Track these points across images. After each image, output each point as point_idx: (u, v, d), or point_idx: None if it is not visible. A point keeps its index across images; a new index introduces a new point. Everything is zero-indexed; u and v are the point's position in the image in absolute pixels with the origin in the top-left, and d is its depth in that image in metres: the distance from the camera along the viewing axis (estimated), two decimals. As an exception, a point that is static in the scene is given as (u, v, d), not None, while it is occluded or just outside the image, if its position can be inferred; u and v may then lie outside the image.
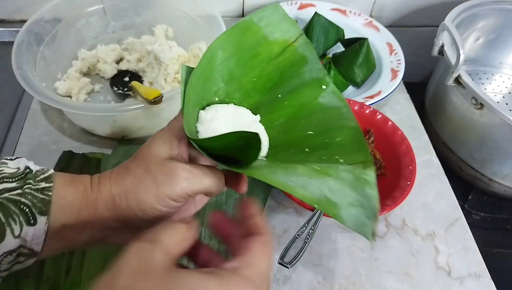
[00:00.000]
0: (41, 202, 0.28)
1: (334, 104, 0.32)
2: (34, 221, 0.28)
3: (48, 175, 0.30)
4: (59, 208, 0.29)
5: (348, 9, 0.72)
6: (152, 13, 0.65)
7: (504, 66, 0.76)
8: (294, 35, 0.32)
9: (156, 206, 0.29)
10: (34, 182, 0.29)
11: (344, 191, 0.28)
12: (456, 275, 0.46)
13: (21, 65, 0.50)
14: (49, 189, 0.29)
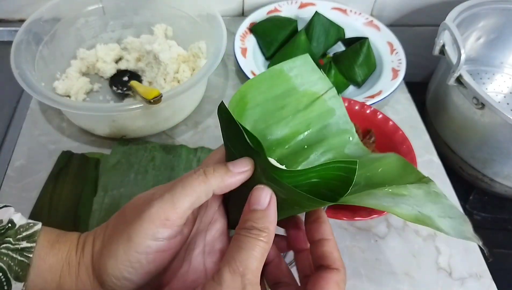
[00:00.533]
0: (18, 265, 0.24)
1: (359, 154, 0.32)
2: (9, 287, 0.24)
3: (32, 232, 0.25)
4: (38, 273, 0.25)
5: (349, 8, 0.72)
6: (151, 12, 0.65)
7: (505, 66, 0.76)
8: (324, 88, 0.31)
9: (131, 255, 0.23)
10: (14, 241, 0.25)
11: (427, 206, 0.27)
12: (457, 276, 0.46)
13: (20, 64, 0.50)
14: (30, 250, 0.25)
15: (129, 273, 0.23)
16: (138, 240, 0.23)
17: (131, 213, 0.25)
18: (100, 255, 0.24)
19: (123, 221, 0.24)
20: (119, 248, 0.23)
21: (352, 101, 0.54)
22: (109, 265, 0.23)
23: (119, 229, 0.24)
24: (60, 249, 0.26)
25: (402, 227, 0.50)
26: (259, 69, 0.63)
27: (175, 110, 0.55)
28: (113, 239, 0.24)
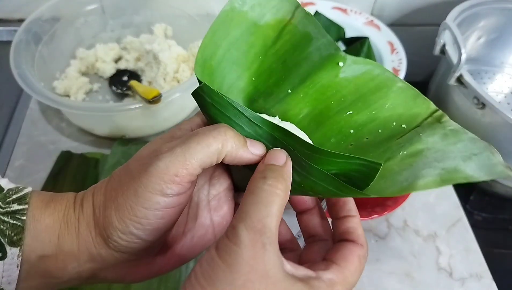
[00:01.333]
0: (11, 229, 0.23)
1: (361, 71, 0.27)
2: (3, 254, 0.22)
3: (22, 194, 0.24)
4: (34, 235, 0.23)
5: (349, 8, 0.72)
6: (151, 12, 0.65)
7: (506, 66, 0.76)
8: (290, 10, 0.26)
9: (138, 210, 0.22)
10: (3, 204, 0.23)
11: (448, 154, 0.24)
12: (458, 276, 0.46)
13: (19, 64, 0.50)
14: (22, 213, 0.23)
15: (137, 228, 0.22)
16: (145, 195, 0.21)
17: (137, 166, 0.23)
18: (104, 207, 0.23)
19: (128, 174, 0.23)
20: (125, 203, 0.22)
21: (352, 101, 0.54)
22: (115, 219, 0.22)
23: (124, 183, 0.22)
24: (55, 208, 0.24)
25: (402, 227, 0.49)
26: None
27: (175, 110, 0.55)
28: (118, 192, 0.22)
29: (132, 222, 0.22)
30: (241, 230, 0.19)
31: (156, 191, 0.21)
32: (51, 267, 0.23)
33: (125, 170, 0.23)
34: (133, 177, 0.22)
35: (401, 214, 0.51)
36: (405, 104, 0.26)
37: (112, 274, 0.24)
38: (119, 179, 0.23)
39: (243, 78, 0.26)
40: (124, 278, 0.25)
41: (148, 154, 0.23)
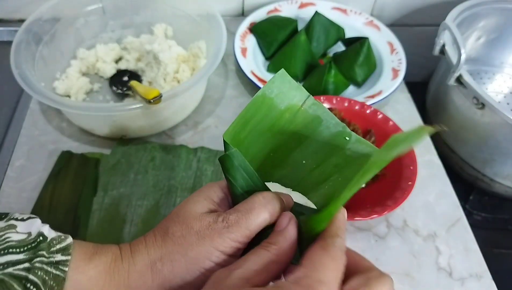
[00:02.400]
0: (53, 279, 0.23)
1: (366, 151, 0.32)
2: None
3: (65, 245, 0.25)
4: (74, 286, 0.24)
5: (349, 8, 0.72)
6: (151, 12, 0.65)
7: (505, 66, 0.76)
8: (302, 99, 0.32)
9: (207, 263, 0.25)
10: (47, 254, 0.24)
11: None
12: (457, 276, 0.46)
13: (20, 64, 0.50)
14: (65, 264, 0.24)
15: (199, 279, 0.25)
16: (217, 253, 0.25)
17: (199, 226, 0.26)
18: (170, 261, 0.25)
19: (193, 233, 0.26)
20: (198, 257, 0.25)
21: (352, 101, 0.54)
22: (185, 270, 0.25)
23: (193, 240, 0.25)
24: (100, 259, 0.25)
25: (402, 227, 0.50)
26: (259, 69, 0.63)
27: (175, 110, 0.55)
28: (187, 247, 0.25)
29: (199, 274, 0.25)
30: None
31: (225, 252, 0.25)
32: None
33: (187, 228, 0.26)
34: (203, 238, 0.25)
35: (401, 214, 0.51)
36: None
37: None
38: (183, 236, 0.26)
39: (263, 152, 0.32)
40: None
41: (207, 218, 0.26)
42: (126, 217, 0.46)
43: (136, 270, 0.25)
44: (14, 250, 0.23)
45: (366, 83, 0.65)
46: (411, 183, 0.46)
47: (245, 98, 0.63)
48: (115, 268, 0.25)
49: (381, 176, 0.50)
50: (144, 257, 0.25)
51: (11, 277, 0.22)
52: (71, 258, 0.24)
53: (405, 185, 0.46)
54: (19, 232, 0.24)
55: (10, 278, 0.22)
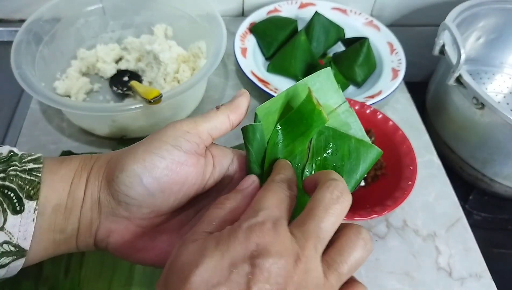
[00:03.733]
0: (29, 184, 0.24)
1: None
2: (21, 208, 0.24)
3: (36, 157, 0.26)
4: (50, 186, 0.25)
5: (349, 8, 0.72)
6: (151, 12, 0.65)
7: (505, 66, 0.76)
8: (337, 102, 0.32)
9: (147, 154, 0.25)
10: (20, 164, 0.25)
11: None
12: (457, 276, 0.46)
13: (20, 64, 0.50)
14: (38, 170, 0.25)
15: (141, 169, 0.24)
16: (157, 143, 0.25)
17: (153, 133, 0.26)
18: (120, 156, 0.26)
19: (147, 139, 0.26)
20: (139, 148, 0.25)
21: (352, 101, 0.54)
22: (125, 161, 0.25)
23: (142, 142, 0.26)
24: (71, 160, 0.27)
25: (402, 227, 0.50)
26: (259, 69, 0.63)
27: (175, 110, 0.55)
28: (134, 145, 0.26)
29: (138, 164, 0.24)
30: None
31: (168, 140, 0.25)
32: (60, 218, 0.25)
33: (155, 135, 0.26)
34: (150, 137, 0.26)
35: (401, 214, 0.51)
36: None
37: (113, 240, 0.26)
38: (144, 140, 0.26)
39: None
40: (120, 246, 0.27)
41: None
42: (126, 217, 0.46)
43: (96, 166, 0.26)
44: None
45: (366, 83, 0.65)
46: (411, 183, 0.46)
47: (245, 98, 0.63)
48: (83, 166, 0.26)
49: (381, 176, 0.50)
50: (106, 156, 0.27)
51: None
52: (43, 165, 0.25)
53: (405, 185, 0.46)
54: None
55: None
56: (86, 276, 0.41)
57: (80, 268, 0.42)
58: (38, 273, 0.41)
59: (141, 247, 0.27)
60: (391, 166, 0.50)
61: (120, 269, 0.42)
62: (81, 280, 0.41)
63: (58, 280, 0.41)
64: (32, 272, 0.41)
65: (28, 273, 0.41)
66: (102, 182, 0.26)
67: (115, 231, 0.26)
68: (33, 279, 0.41)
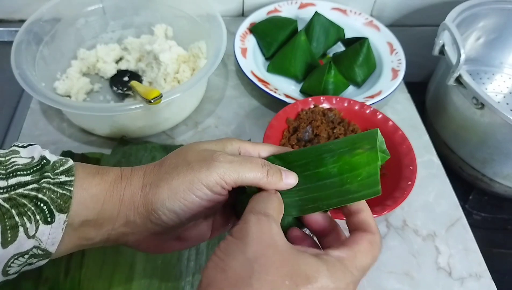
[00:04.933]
0: (60, 198, 0.25)
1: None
2: (52, 219, 0.25)
3: (68, 167, 0.27)
4: (80, 202, 0.26)
5: (349, 9, 0.72)
6: (151, 12, 0.65)
7: (505, 66, 0.76)
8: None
9: (188, 195, 0.26)
10: (52, 175, 0.26)
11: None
12: (457, 276, 0.46)
13: (20, 64, 0.50)
14: (70, 184, 0.26)
15: (180, 209, 0.27)
16: (199, 186, 0.26)
17: (196, 160, 0.27)
18: (156, 186, 0.27)
19: (186, 164, 0.27)
20: (179, 187, 0.26)
21: (352, 101, 0.54)
22: (166, 197, 0.27)
23: (181, 171, 0.27)
24: (102, 179, 0.28)
25: (401, 227, 0.50)
26: (259, 69, 0.63)
27: (175, 110, 0.55)
28: (174, 177, 0.27)
29: (180, 204, 0.27)
30: (248, 214, 0.25)
31: (208, 186, 0.27)
32: (89, 230, 0.27)
33: (182, 159, 0.28)
34: (192, 168, 0.27)
35: (401, 214, 0.51)
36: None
37: (134, 241, 0.29)
38: (175, 165, 0.28)
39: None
40: (139, 245, 0.30)
41: (205, 153, 0.28)
42: (126, 217, 0.46)
43: (130, 190, 0.28)
44: (22, 172, 0.25)
45: (366, 83, 0.65)
46: (411, 183, 0.46)
47: (245, 98, 0.63)
48: (114, 186, 0.28)
49: (381, 176, 0.50)
50: (139, 180, 0.28)
51: (22, 196, 0.24)
52: (74, 178, 0.26)
53: (405, 185, 0.46)
54: (23, 157, 0.26)
55: (22, 197, 0.24)
56: (86, 276, 0.41)
57: (80, 268, 0.42)
58: (38, 273, 0.41)
59: (153, 245, 0.30)
60: (391, 166, 0.50)
61: (120, 269, 0.42)
62: (81, 280, 0.41)
63: (58, 280, 0.41)
64: (31, 272, 0.41)
65: (28, 274, 0.41)
66: (138, 208, 0.27)
67: (135, 235, 0.29)
68: (33, 279, 0.41)
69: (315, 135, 0.51)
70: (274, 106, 0.61)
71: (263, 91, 0.58)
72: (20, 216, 0.24)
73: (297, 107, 0.53)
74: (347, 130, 0.52)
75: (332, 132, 0.52)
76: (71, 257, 0.42)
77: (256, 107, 0.62)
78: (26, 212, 0.24)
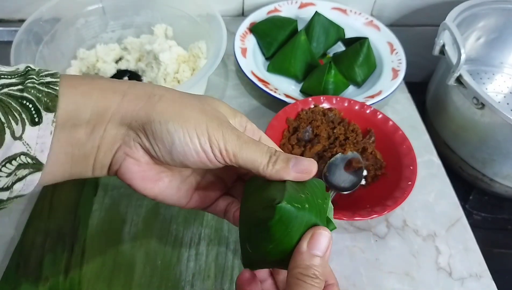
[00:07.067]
0: (47, 96, 0.24)
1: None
2: (39, 119, 0.23)
3: (53, 72, 0.25)
4: (70, 100, 0.24)
5: (349, 8, 0.72)
6: (151, 12, 0.65)
7: (505, 66, 0.76)
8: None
9: (191, 133, 0.25)
10: (37, 77, 0.24)
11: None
12: (457, 276, 0.46)
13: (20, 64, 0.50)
14: (56, 83, 0.24)
15: (179, 139, 0.25)
16: (204, 132, 0.25)
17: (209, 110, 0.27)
18: (167, 101, 0.26)
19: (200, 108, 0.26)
20: (189, 119, 0.25)
21: (352, 101, 0.54)
22: (173, 117, 0.25)
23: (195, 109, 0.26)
24: (94, 78, 0.26)
25: (402, 227, 0.50)
26: (259, 69, 0.63)
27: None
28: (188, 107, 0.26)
29: (181, 134, 0.25)
30: None
31: (211, 141, 0.25)
32: (80, 133, 0.25)
33: (199, 103, 0.27)
34: (206, 115, 0.26)
35: (401, 214, 0.51)
36: None
37: (123, 160, 0.27)
38: (192, 102, 0.27)
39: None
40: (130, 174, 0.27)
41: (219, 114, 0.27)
42: (126, 217, 0.46)
43: (133, 92, 0.26)
44: (6, 76, 0.24)
45: (366, 83, 0.65)
46: (411, 183, 0.46)
47: (245, 98, 0.63)
48: (112, 85, 0.26)
49: (381, 176, 0.50)
50: (146, 86, 0.27)
51: (7, 96, 0.23)
52: (60, 80, 0.25)
53: (405, 185, 0.46)
54: (7, 69, 0.24)
55: (7, 96, 0.23)
56: (86, 276, 0.41)
57: (80, 268, 0.42)
58: (38, 273, 0.41)
59: (147, 176, 0.28)
60: (391, 166, 0.50)
61: (120, 269, 0.42)
62: (81, 280, 0.41)
63: (58, 280, 0.41)
64: (32, 272, 0.41)
65: (28, 273, 0.41)
66: (140, 112, 0.25)
67: (131, 156, 0.27)
68: (33, 279, 0.41)
69: (315, 135, 0.51)
70: (274, 106, 0.61)
71: (263, 91, 0.58)
72: (6, 116, 0.22)
73: (297, 107, 0.53)
74: (347, 130, 0.52)
75: (332, 132, 0.52)
76: (71, 256, 0.42)
77: (256, 107, 0.62)
78: (12, 112, 0.23)
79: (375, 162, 0.50)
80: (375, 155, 0.51)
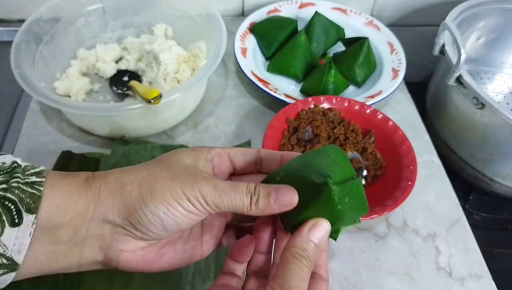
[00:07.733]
0: (30, 197, 0.24)
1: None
2: (20, 220, 0.24)
3: (39, 170, 0.26)
4: (52, 202, 0.25)
5: (349, 8, 0.72)
6: (151, 12, 0.65)
7: (505, 66, 0.76)
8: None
9: (172, 203, 0.25)
10: (23, 176, 0.25)
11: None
12: (457, 276, 0.46)
13: (20, 64, 0.50)
14: (40, 184, 0.25)
15: (164, 214, 0.26)
16: (183, 197, 0.26)
17: (179, 170, 0.27)
18: (138, 187, 0.26)
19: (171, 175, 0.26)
20: (165, 191, 0.26)
21: (352, 101, 0.54)
22: (150, 199, 0.26)
23: (166, 179, 0.26)
24: (74, 178, 0.27)
25: (402, 227, 0.50)
26: (259, 69, 0.63)
27: (175, 110, 0.55)
28: (158, 181, 0.26)
29: (164, 208, 0.25)
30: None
31: (191, 201, 0.26)
32: (61, 234, 0.25)
33: (165, 167, 0.27)
34: (176, 178, 0.26)
35: (401, 214, 0.51)
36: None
37: (114, 251, 0.27)
38: (160, 171, 0.27)
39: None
40: (123, 258, 0.27)
41: (190, 169, 0.27)
42: (126, 217, 0.46)
43: (107, 188, 0.26)
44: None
45: (366, 83, 0.65)
46: (411, 183, 0.46)
47: (245, 98, 0.63)
48: (87, 185, 0.26)
49: (381, 176, 0.50)
50: (117, 179, 0.27)
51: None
52: (45, 180, 0.25)
53: (405, 185, 0.46)
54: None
55: None
56: (86, 277, 0.41)
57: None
58: (38, 273, 0.41)
59: (149, 259, 0.28)
60: (391, 166, 0.50)
61: (120, 270, 0.42)
62: (81, 280, 0.41)
63: (58, 281, 0.41)
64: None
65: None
66: (119, 207, 0.26)
67: (126, 250, 0.27)
68: (33, 280, 0.41)
69: (315, 135, 0.51)
70: (274, 106, 0.61)
71: (263, 91, 0.58)
72: None
73: (297, 107, 0.53)
74: (347, 130, 0.52)
75: (332, 132, 0.52)
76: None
77: (256, 107, 0.62)
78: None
79: (375, 162, 0.50)
80: (375, 155, 0.51)
